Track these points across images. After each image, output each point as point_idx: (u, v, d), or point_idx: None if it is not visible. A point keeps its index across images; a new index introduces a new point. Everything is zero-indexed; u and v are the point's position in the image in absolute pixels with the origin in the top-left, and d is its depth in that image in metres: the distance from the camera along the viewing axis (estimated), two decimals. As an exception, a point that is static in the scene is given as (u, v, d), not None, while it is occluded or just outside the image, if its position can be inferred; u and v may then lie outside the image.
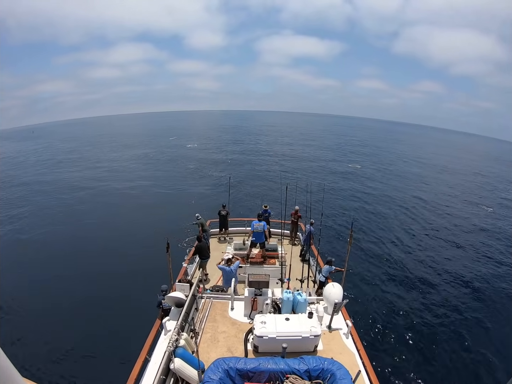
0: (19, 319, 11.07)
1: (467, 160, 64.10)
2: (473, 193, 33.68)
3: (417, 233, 20.68)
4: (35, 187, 30.62)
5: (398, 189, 32.39)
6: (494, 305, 13.20)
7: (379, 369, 9.01)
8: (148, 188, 28.82)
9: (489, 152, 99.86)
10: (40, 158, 49.46)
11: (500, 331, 11.55)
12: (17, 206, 24.84)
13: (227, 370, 4.59)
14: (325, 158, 47.86)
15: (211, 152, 50.17)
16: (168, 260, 6.83)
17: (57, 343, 9.86)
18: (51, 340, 9.96)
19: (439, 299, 13.24)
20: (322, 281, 8.40)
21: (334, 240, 18.02)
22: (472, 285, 14.56)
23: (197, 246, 9.24)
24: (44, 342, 9.89)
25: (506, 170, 53.17)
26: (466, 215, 25.59)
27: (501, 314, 12.57)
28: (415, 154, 62.29)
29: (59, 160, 46.04)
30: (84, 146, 62.11)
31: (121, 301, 11.54)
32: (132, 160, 44.32)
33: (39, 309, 11.50)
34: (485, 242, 20.12)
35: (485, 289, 14.34)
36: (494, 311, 12.79)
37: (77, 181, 32.00)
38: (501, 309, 12.94)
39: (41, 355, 9.45)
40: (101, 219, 21.43)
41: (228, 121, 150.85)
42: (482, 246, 19.40)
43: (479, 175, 45.45)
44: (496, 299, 13.60)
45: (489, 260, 17.57)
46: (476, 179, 41.90)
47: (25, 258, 15.58)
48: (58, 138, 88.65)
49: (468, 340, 10.92)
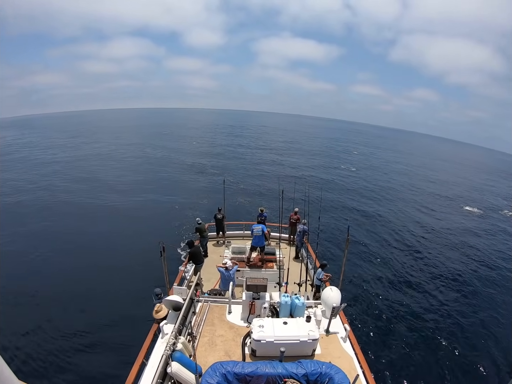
0: (14, 322, 10.96)
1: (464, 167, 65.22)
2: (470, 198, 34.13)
3: (415, 236, 20.81)
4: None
5: (394, 189, 33.03)
6: (493, 307, 13.26)
7: (378, 374, 9.00)
8: (139, 194, 28.39)
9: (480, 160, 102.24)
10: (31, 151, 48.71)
11: (500, 332, 11.57)
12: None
13: (224, 374, 4.55)
14: (322, 159, 48.95)
15: (203, 152, 49.88)
16: (163, 264, 6.82)
17: (53, 346, 9.75)
18: (46, 344, 9.86)
19: (437, 303, 13.27)
20: (318, 285, 8.42)
21: (331, 244, 18.06)
22: (471, 288, 14.66)
23: (191, 252, 9.25)
24: (39, 345, 9.79)
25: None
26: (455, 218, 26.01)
27: (501, 314, 12.61)
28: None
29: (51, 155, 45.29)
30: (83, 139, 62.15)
31: (117, 304, 11.45)
32: (124, 157, 44.00)
33: (35, 312, 11.39)
34: (478, 242, 20.34)
35: (482, 291, 14.46)
36: (494, 312, 12.84)
37: (72, 178, 31.67)
38: (501, 309, 12.99)
39: (36, 359, 9.33)
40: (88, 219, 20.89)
41: (224, 121, 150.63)
42: (475, 246, 19.71)
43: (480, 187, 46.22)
44: (495, 300, 13.67)
45: (483, 261, 17.84)
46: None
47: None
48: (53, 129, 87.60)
49: (468, 343, 10.95)
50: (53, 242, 17.35)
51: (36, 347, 9.74)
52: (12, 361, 8.94)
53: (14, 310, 11.27)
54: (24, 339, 10.03)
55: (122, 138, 65.79)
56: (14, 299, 11.98)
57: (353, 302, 12.46)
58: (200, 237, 11.04)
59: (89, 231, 18.59)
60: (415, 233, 21.61)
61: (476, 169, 68.90)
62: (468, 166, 72.20)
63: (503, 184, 49.87)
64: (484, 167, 76.02)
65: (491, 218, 28.07)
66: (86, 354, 9.38)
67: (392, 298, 13.32)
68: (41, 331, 10.46)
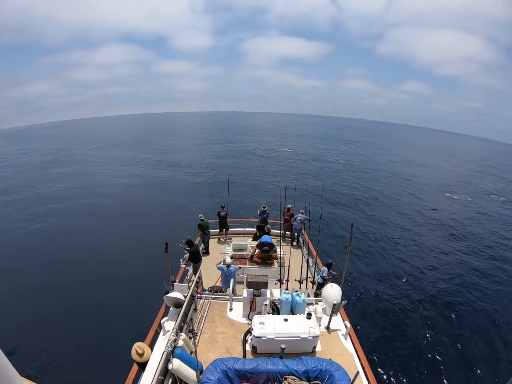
0: (17, 319, 11.04)
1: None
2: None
3: (414, 232, 20.78)
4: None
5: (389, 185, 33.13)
6: (493, 303, 13.26)
7: (378, 370, 9.05)
8: (141, 189, 28.69)
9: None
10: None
11: (500, 330, 11.58)
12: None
13: (225, 371, 4.58)
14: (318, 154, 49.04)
15: (204, 153, 50.25)
16: (167, 260, 6.83)
17: (55, 342, 9.84)
18: (49, 339, 9.95)
19: (438, 300, 13.26)
20: (320, 283, 8.43)
21: (333, 241, 18.08)
22: (472, 284, 14.66)
23: (191, 251, 9.25)
24: (42, 341, 9.89)
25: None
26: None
27: (501, 315, 12.62)
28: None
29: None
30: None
31: (119, 301, 11.54)
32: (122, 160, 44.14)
33: (38, 310, 11.49)
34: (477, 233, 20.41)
35: (484, 286, 14.47)
36: (494, 310, 12.84)
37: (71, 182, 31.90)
38: (501, 309, 13.00)
39: (40, 354, 9.45)
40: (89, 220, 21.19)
41: (218, 123, 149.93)
42: (476, 240, 19.73)
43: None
44: (495, 297, 13.68)
45: (482, 255, 17.85)
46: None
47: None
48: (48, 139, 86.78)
49: (468, 340, 10.97)
50: (52, 242, 17.50)
51: (37, 345, 9.83)
52: (13, 359, 9.03)
53: (14, 311, 11.39)
54: (26, 338, 10.10)
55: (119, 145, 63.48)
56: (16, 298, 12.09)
57: (354, 299, 12.49)
58: (201, 234, 11.05)
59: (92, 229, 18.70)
60: (415, 228, 21.63)
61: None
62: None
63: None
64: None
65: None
66: (86, 352, 9.43)
67: (393, 295, 13.33)
68: (44, 327, 10.57)
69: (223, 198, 12.11)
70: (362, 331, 10.59)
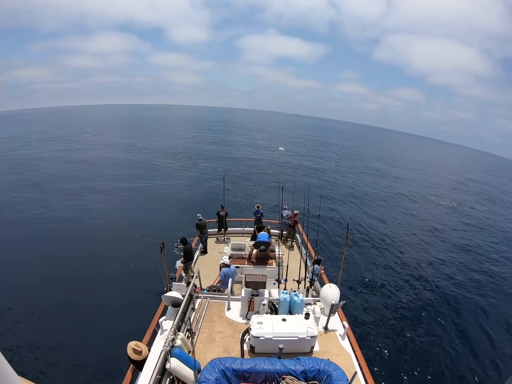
0: (15, 319, 10.99)
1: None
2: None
3: (414, 233, 20.84)
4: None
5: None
6: (492, 305, 13.32)
7: (376, 370, 9.06)
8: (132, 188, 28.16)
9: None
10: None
11: (499, 330, 11.64)
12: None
13: (223, 370, 4.58)
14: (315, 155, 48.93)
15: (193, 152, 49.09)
16: (163, 260, 6.82)
17: (53, 341, 9.77)
18: (47, 339, 9.88)
19: (436, 300, 13.31)
20: (313, 280, 8.45)
21: (330, 241, 18.09)
22: (472, 283, 14.75)
23: (185, 249, 9.23)
24: (40, 340, 9.82)
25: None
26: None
27: (501, 314, 12.69)
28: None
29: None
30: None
31: (116, 301, 11.48)
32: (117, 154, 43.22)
33: (37, 308, 11.41)
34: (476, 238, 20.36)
35: (481, 290, 14.50)
36: (494, 310, 12.92)
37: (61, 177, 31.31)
38: (501, 309, 13.07)
39: (36, 354, 9.37)
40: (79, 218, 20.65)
41: (210, 118, 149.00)
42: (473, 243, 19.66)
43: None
44: (495, 300, 13.74)
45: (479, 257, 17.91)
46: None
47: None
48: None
49: (466, 340, 11.03)
50: (51, 242, 17.36)
51: (35, 344, 9.75)
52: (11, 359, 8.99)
53: (14, 311, 11.33)
54: (23, 337, 10.03)
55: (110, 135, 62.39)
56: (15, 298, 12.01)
57: (352, 299, 12.50)
58: (199, 234, 11.03)
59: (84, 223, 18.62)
60: (414, 229, 21.70)
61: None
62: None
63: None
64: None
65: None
66: (85, 350, 9.39)
67: (391, 295, 13.36)
68: (42, 326, 10.50)
69: (219, 196, 12.10)
70: (361, 331, 10.62)
